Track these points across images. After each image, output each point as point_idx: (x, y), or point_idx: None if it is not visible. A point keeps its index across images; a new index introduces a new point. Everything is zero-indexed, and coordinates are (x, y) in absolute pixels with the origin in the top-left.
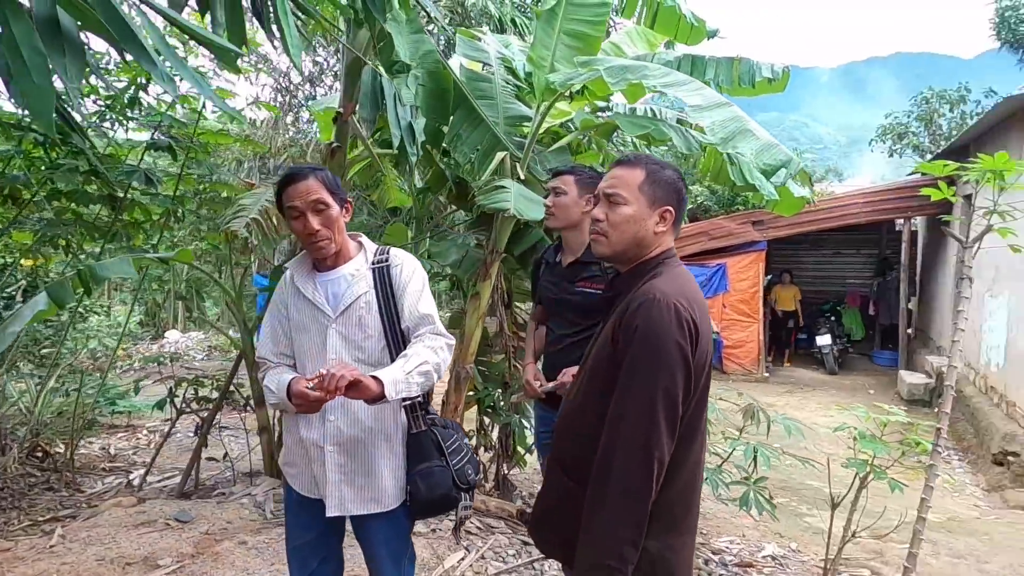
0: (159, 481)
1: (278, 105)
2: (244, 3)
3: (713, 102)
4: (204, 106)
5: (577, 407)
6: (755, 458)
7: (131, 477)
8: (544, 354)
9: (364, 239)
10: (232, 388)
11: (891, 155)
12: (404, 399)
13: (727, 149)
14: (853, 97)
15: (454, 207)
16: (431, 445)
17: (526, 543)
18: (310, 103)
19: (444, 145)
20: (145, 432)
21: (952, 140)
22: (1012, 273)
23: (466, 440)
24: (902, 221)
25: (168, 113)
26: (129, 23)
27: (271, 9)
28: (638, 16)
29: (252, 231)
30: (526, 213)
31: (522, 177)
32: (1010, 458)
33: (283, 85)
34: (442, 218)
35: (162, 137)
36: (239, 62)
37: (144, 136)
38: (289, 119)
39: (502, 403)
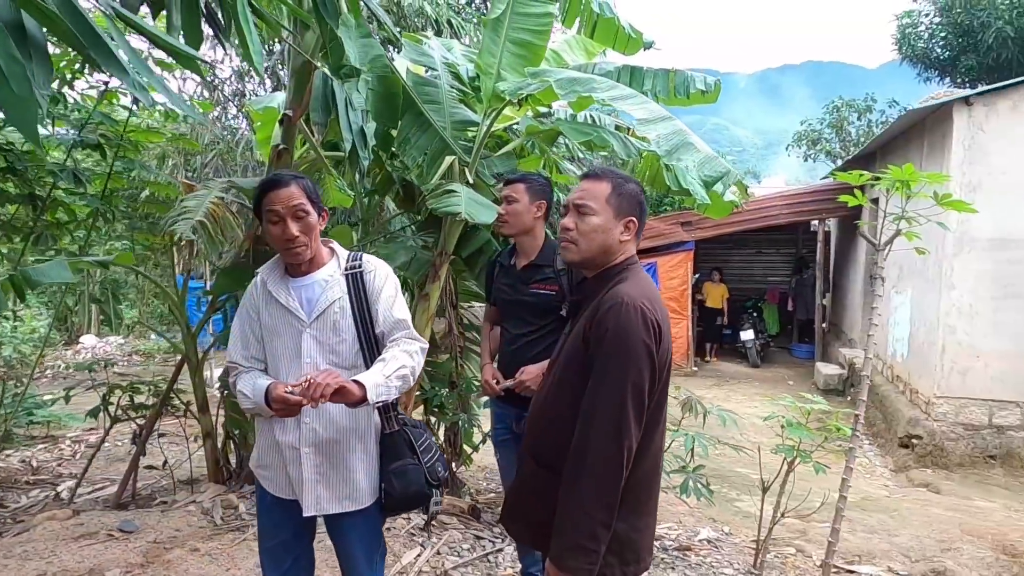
0: (90, 493)
1: (200, 100)
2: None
3: (657, 115)
4: (135, 103)
5: (550, 401)
6: (693, 448)
7: (59, 490)
8: (501, 353)
9: (336, 245)
10: (171, 394)
11: (806, 159)
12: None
13: (672, 161)
14: (769, 102)
15: (401, 210)
16: (404, 444)
17: (479, 537)
18: (249, 100)
19: (393, 149)
20: (68, 443)
21: (861, 147)
22: (914, 272)
23: (433, 439)
24: (817, 222)
25: (99, 111)
26: (96, 29)
27: (225, 13)
28: (578, 26)
29: (198, 234)
30: (477, 217)
31: (470, 181)
32: (914, 441)
33: (208, 80)
34: (387, 220)
35: (89, 136)
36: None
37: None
38: (214, 114)
39: (449, 402)
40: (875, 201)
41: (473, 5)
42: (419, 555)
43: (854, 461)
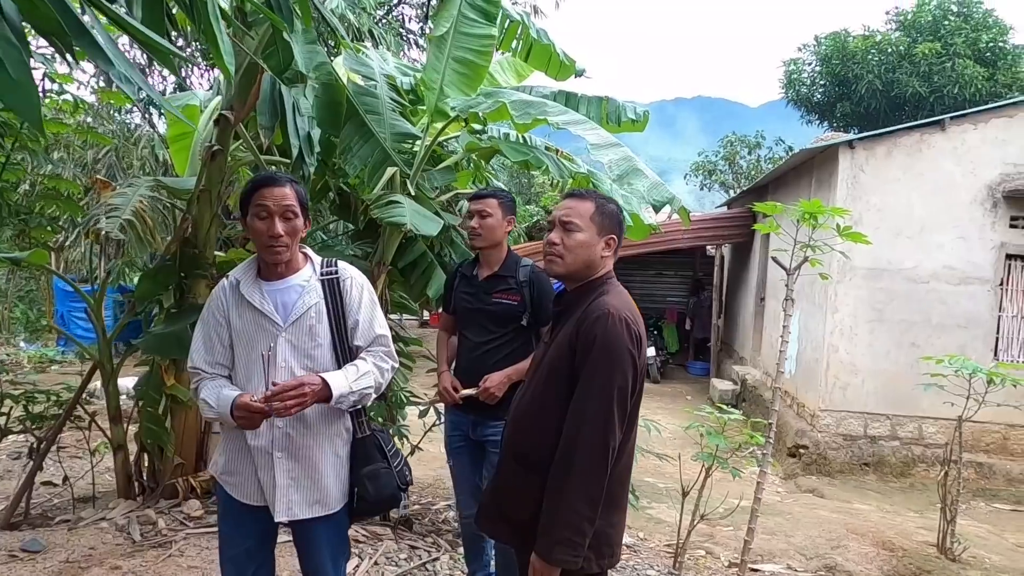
0: None
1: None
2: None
3: (607, 141)
4: (41, 90)
5: (534, 406)
6: None
7: None
8: (459, 360)
9: (309, 251)
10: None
11: (701, 188)
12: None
13: (622, 185)
14: (663, 132)
15: (336, 217)
16: (374, 448)
17: (413, 547)
18: (167, 96)
19: (334, 158)
20: None
21: (751, 179)
22: (801, 295)
23: (397, 445)
24: (714, 248)
25: None
26: (80, 18)
27: (192, 10)
28: (513, 49)
29: (127, 233)
30: (421, 228)
31: (412, 193)
32: (801, 450)
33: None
34: (321, 227)
35: None
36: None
37: None
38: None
39: (377, 413)
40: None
41: (392, 16)
42: (357, 566)
43: (768, 466)
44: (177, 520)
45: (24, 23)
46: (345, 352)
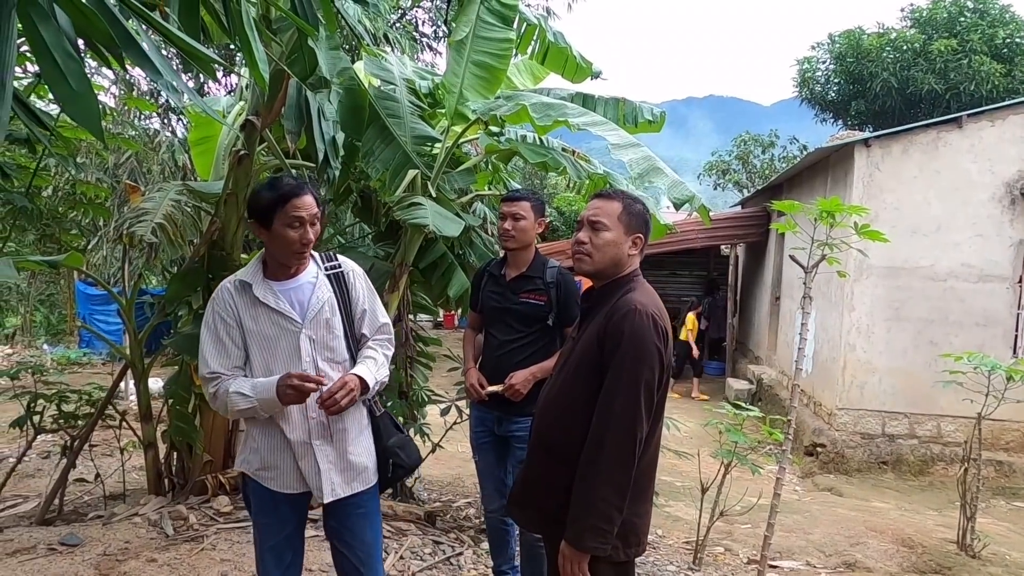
0: (2, 510)
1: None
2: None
3: (627, 141)
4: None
5: (563, 399)
6: None
7: None
8: (485, 358)
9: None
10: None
11: (715, 188)
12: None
13: (643, 184)
14: (675, 132)
15: (358, 219)
16: (390, 423)
17: (437, 542)
18: (190, 103)
19: (357, 161)
20: None
21: (768, 179)
22: (818, 294)
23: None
24: (728, 247)
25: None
26: (129, 29)
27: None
28: (531, 52)
29: (159, 236)
30: (443, 230)
31: (433, 195)
32: (818, 449)
33: (122, 76)
34: (343, 229)
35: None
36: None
37: None
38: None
39: (399, 412)
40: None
41: (406, 19)
42: (384, 559)
43: (787, 463)
44: (207, 516)
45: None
46: (355, 340)
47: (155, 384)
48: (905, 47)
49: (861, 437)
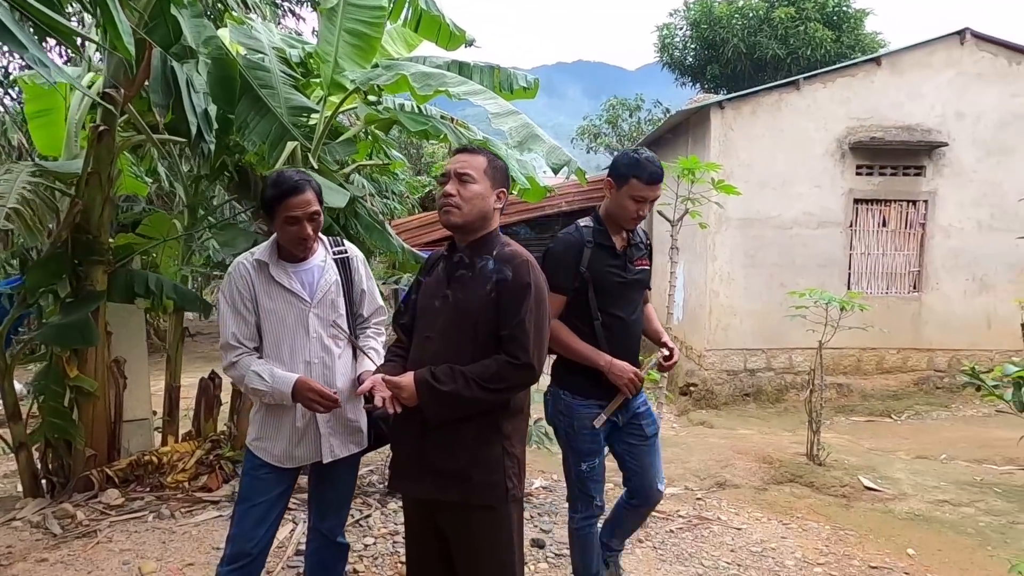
0: None
1: None
2: None
3: (506, 110)
4: None
5: (452, 349)
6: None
7: None
8: (612, 343)
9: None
10: None
11: (587, 152)
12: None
13: (523, 151)
14: (547, 97)
15: (234, 195)
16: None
17: None
18: (23, 72)
19: (231, 135)
20: None
21: (636, 142)
22: (685, 247)
23: None
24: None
25: None
26: None
27: None
28: (403, 19)
29: (14, 222)
30: (329, 201)
31: (315, 167)
32: (691, 388)
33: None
34: (218, 207)
35: None
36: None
37: None
38: None
39: None
40: None
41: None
42: (293, 531)
43: (665, 402)
44: (97, 511)
45: None
46: (352, 317)
47: (16, 385)
48: (751, 14)
49: (727, 374)
